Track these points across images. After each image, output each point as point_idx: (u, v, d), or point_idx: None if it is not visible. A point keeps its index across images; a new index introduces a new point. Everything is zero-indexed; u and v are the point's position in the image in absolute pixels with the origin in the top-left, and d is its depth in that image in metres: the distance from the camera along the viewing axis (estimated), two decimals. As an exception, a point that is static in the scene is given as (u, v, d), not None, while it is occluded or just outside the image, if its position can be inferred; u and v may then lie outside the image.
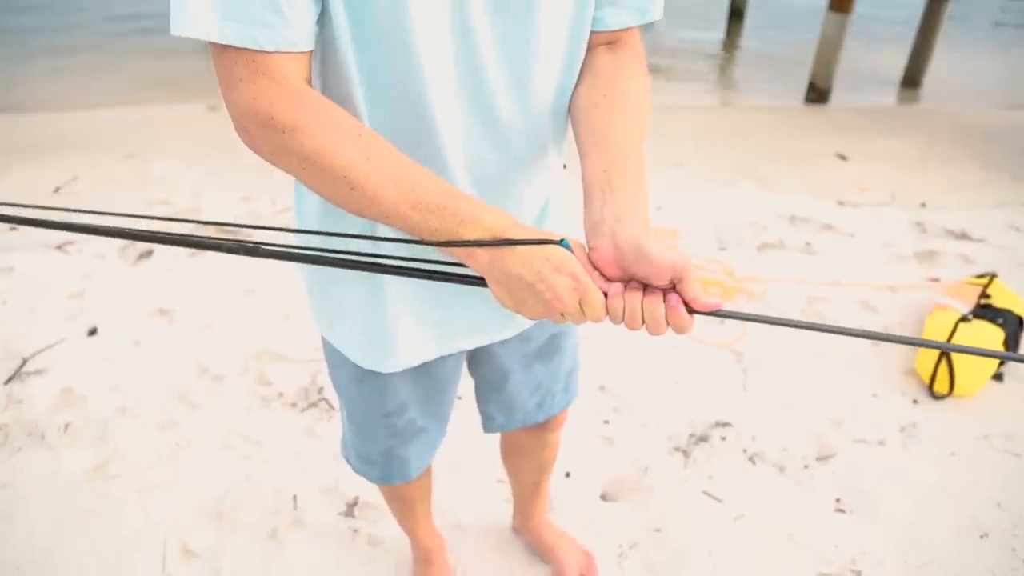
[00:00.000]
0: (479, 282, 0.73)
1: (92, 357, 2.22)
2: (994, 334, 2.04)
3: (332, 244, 0.86)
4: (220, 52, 0.67)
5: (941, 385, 2.03)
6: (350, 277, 0.90)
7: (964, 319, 2.09)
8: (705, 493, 1.75)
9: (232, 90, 0.67)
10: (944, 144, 4.53)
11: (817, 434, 1.93)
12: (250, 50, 0.65)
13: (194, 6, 0.64)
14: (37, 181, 3.65)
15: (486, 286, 0.72)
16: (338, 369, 1.06)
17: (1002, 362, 2.10)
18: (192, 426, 1.95)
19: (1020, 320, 2.14)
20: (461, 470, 1.78)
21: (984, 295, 2.20)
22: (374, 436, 1.13)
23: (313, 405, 2.03)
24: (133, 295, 2.54)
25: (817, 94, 5.66)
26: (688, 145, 4.39)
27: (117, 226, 0.80)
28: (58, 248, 2.84)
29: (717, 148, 4.41)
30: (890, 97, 6.09)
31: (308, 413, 2.00)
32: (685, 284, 0.66)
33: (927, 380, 2.06)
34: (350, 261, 0.75)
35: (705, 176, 3.89)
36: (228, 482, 1.78)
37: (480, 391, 1.22)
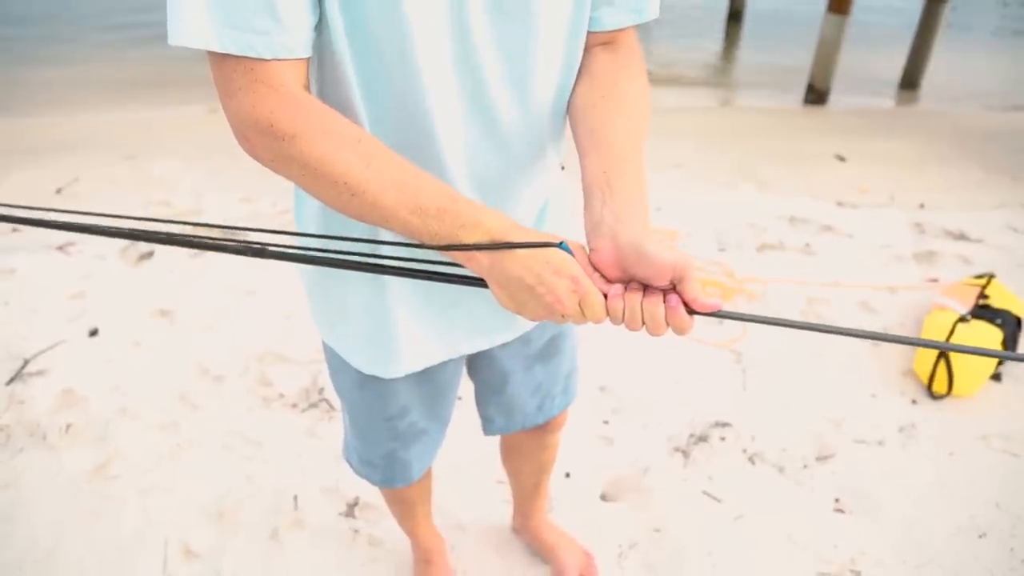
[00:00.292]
0: (480, 284, 0.73)
1: (93, 358, 2.23)
2: (992, 334, 2.05)
3: (333, 247, 0.86)
4: (218, 61, 0.66)
5: (940, 385, 2.03)
6: (351, 280, 0.90)
7: (963, 319, 2.09)
8: (705, 493, 1.76)
9: (231, 98, 0.67)
10: (943, 145, 4.54)
11: (816, 434, 1.94)
12: (248, 58, 0.65)
13: (190, 15, 0.63)
14: (38, 182, 3.66)
15: (487, 288, 0.72)
16: (339, 373, 1.06)
17: (1000, 362, 2.11)
18: (193, 427, 1.96)
19: (1018, 320, 2.15)
20: (461, 471, 1.78)
21: (982, 296, 2.20)
22: (376, 439, 1.13)
23: (314, 406, 2.03)
24: (134, 296, 2.55)
25: (816, 95, 5.67)
26: (688, 146, 4.40)
27: (123, 227, 0.80)
28: (59, 249, 2.84)
29: (716, 149, 4.42)
30: (889, 99, 6.10)
31: (309, 414, 2.01)
32: (685, 285, 0.66)
33: (926, 380, 2.07)
34: (355, 263, 0.75)
35: (705, 177, 3.89)
36: (229, 482, 1.78)
37: (480, 394, 1.22)
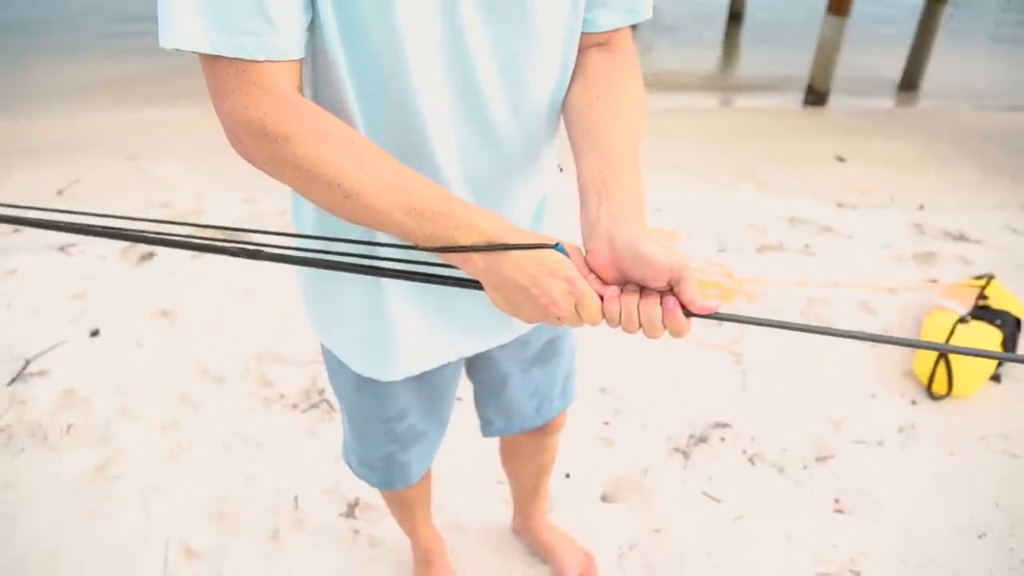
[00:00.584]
0: (475, 286, 0.72)
1: (94, 358, 2.23)
2: (992, 335, 2.05)
3: (330, 250, 0.86)
4: (210, 63, 0.65)
5: (939, 386, 2.04)
6: (348, 283, 0.90)
7: (962, 320, 2.10)
8: (704, 494, 1.76)
9: (223, 100, 0.66)
10: (942, 146, 4.54)
11: (816, 435, 1.94)
12: (240, 60, 0.64)
13: (181, 18, 0.62)
14: (40, 183, 3.66)
15: (482, 290, 0.72)
16: (337, 376, 1.06)
17: (1000, 363, 2.11)
18: (193, 427, 1.96)
19: (1018, 321, 2.15)
20: (461, 471, 1.79)
21: (982, 296, 2.21)
22: (374, 441, 1.13)
23: (314, 406, 2.03)
24: (135, 297, 2.55)
25: (816, 96, 5.67)
26: (687, 147, 4.40)
27: (122, 228, 0.80)
28: (60, 250, 2.85)
29: (716, 150, 4.42)
30: (888, 99, 6.10)
31: (309, 414, 2.01)
32: (683, 286, 0.65)
33: (925, 381, 2.07)
34: (350, 265, 0.75)
35: (704, 178, 3.90)
36: (229, 483, 1.78)
37: (479, 396, 1.22)
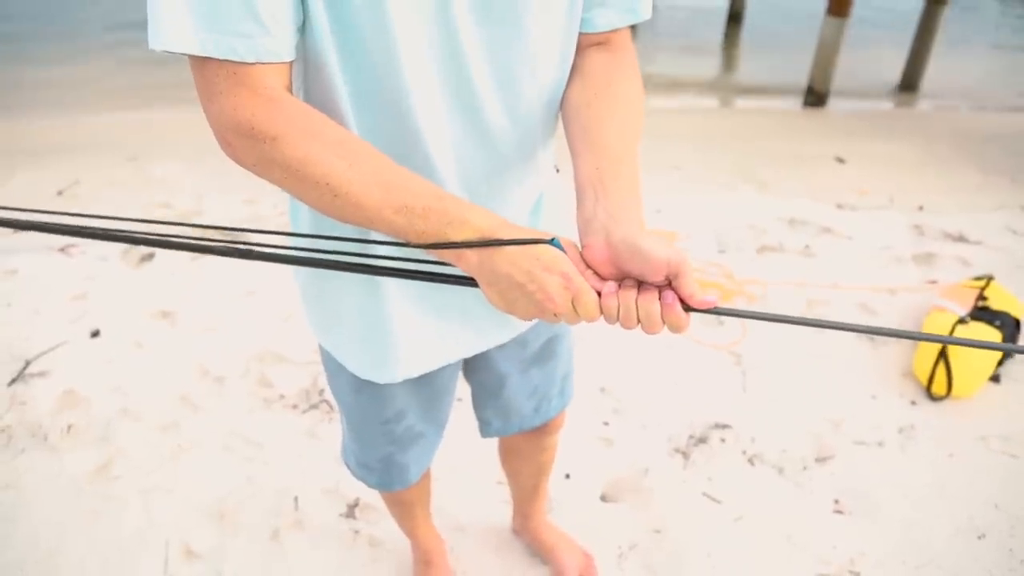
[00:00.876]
0: (471, 283, 0.72)
1: (94, 359, 2.23)
2: (991, 336, 2.06)
3: (326, 249, 0.85)
4: (199, 64, 0.65)
5: (939, 387, 2.04)
6: (345, 284, 0.90)
7: (962, 321, 2.10)
8: (704, 494, 1.76)
9: (212, 102, 0.66)
10: (942, 147, 4.54)
11: (816, 435, 1.94)
12: (231, 62, 0.64)
13: (171, 19, 0.62)
14: (40, 184, 3.67)
15: (477, 287, 0.71)
16: (336, 377, 1.06)
17: (1000, 364, 2.11)
18: (194, 428, 1.96)
19: (1017, 322, 2.15)
20: (461, 472, 1.79)
21: (981, 297, 2.21)
22: (372, 443, 1.13)
23: (314, 407, 2.03)
24: (135, 297, 2.56)
25: (815, 98, 5.67)
26: (687, 148, 4.41)
27: (112, 228, 0.79)
28: (61, 251, 2.85)
29: (716, 151, 4.43)
30: (888, 101, 6.10)
31: (309, 415, 2.01)
32: (681, 281, 0.64)
33: (925, 382, 2.07)
34: (344, 263, 0.75)
35: (704, 179, 3.90)
36: (230, 483, 1.78)
37: (477, 397, 1.22)
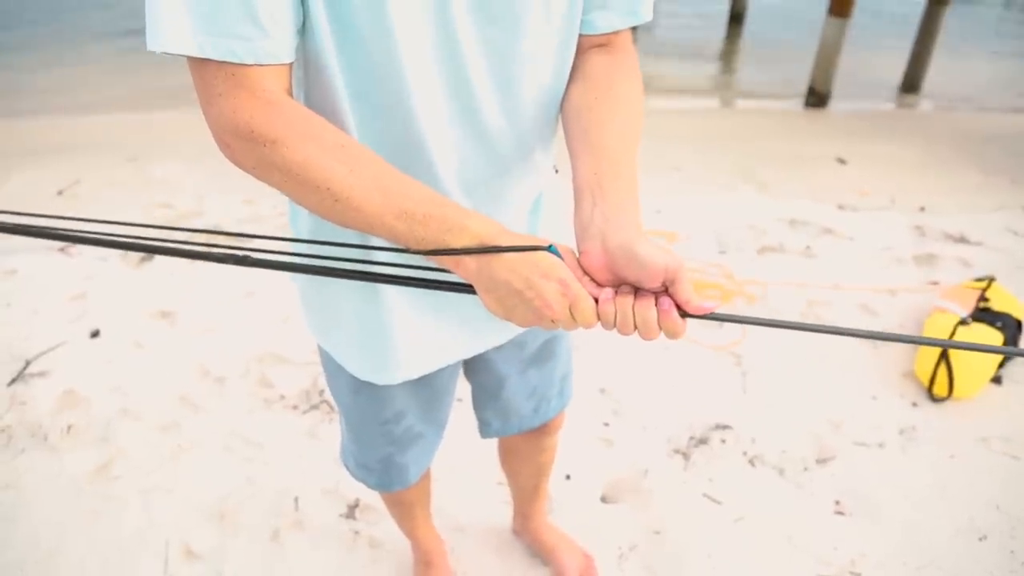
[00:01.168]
0: (469, 290, 0.72)
1: (94, 359, 2.23)
2: (993, 337, 2.05)
3: (326, 253, 0.85)
4: (198, 66, 0.65)
5: (940, 388, 2.03)
6: (344, 287, 0.90)
7: (963, 322, 2.10)
8: (705, 495, 1.76)
9: (212, 105, 0.65)
10: (943, 148, 4.54)
11: (817, 436, 1.94)
12: (229, 63, 0.64)
13: (170, 21, 0.61)
14: (40, 184, 3.67)
15: (476, 294, 0.71)
16: (335, 378, 1.06)
17: (1001, 365, 2.11)
18: (194, 428, 1.96)
19: (1018, 323, 2.15)
20: (461, 472, 1.78)
21: (983, 298, 2.20)
22: (372, 443, 1.13)
23: (314, 407, 2.03)
24: (135, 297, 2.56)
25: (817, 98, 5.67)
26: (687, 148, 4.41)
27: (110, 236, 0.79)
28: (60, 251, 2.85)
29: (716, 151, 4.43)
30: (889, 101, 6.10)
31: (309, 415, 2.01)
32: (677, 287, 0.64)
33: (926, 383, 2.07)
34: (340, 271, 0.74)
35: (704, 179, 3.90)
36: (230, 484, 1.78)
37: (476, 397, 1.22)
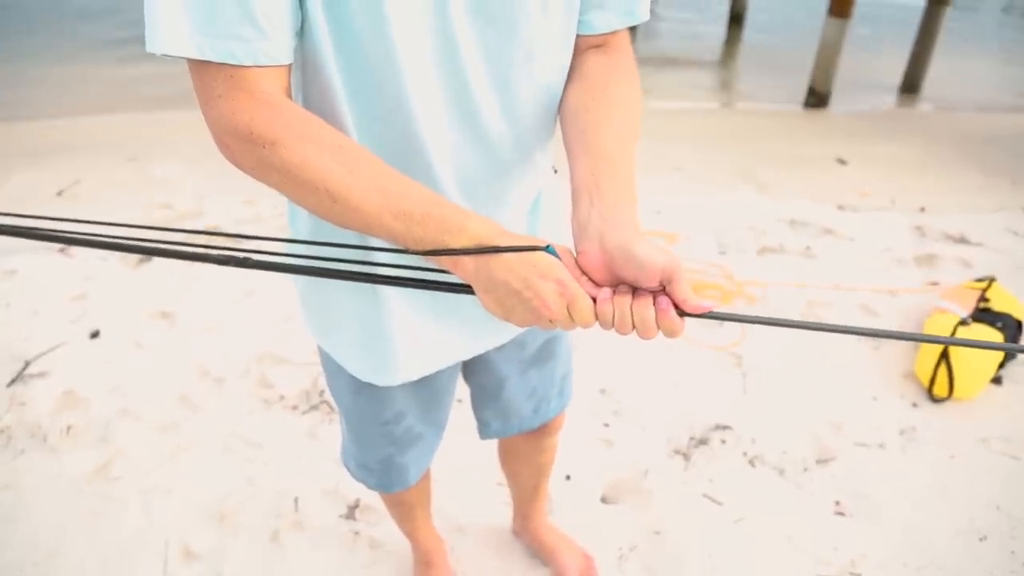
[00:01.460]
0: (467, 290, 0.72)
1: (94, 359, 2.23)
2: (993, 337, 2.05)
3: (325, 254, 0.85)
4: (197, 68, 0.65)
5: (940, 388, 2.03)
6: (344, 288, 0.90)
7: (963, 323, 2.10)
8: (705, 496, 1.76)
9: (211, 106, 0.66)
10: (943, 149, 4.54)
11: (817, 437, 1.94)
12: (228, 65, 0.64)
13: (169, 23, 0.62)
14: (40, 184, 3.67)
15: (474, 294, 0.71)
16: (334, 378, 1.06)
17: (1001, 365, 2.11)
18: (194, 428, 1.96)
19: (1019, 324, 2.15)
20: (461, 473, 1.78)
21: (983, 299, 2.20)
22: (372, 444, 1.13)
23: (314, 408, 2.03)
24: (135, 298, 2.55)
25: (817, 99, 5.67)
26: (687, 149, 4.41)
27: (109, 238, 0.78)
28: (60, 251, 2.85)
29: (717, 152, 4.42)
30: (889, 102, 6.10)
31: (309, 416, 2.01)
32: (675, 286, 0.65)
33: (926, 383, 2.07)
34: (341, 272, 0.74)
35: (704, 180, 3.90)
36: (229, 484, 1.78)
37: (476, 398, 1.22)
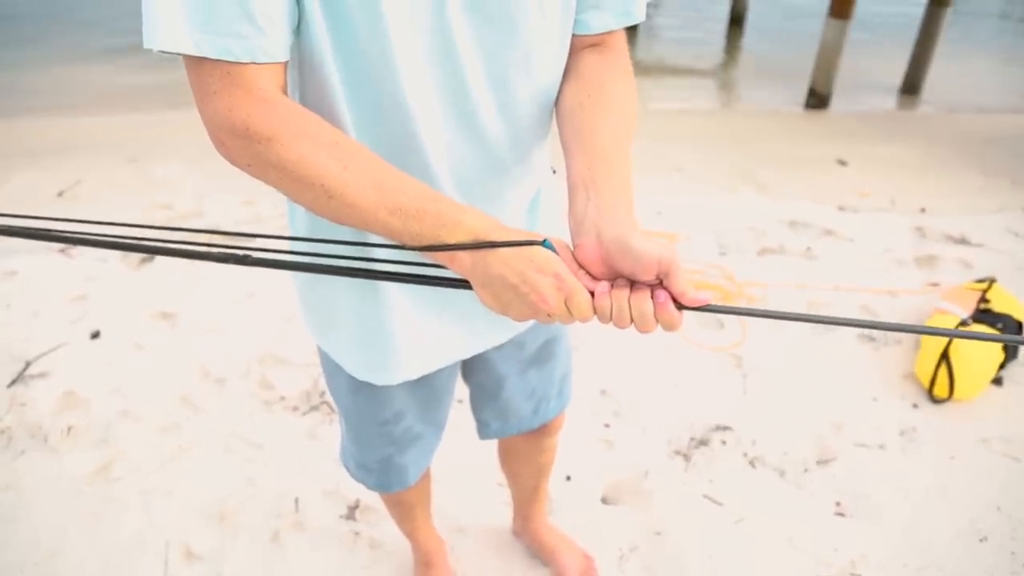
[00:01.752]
0: (464, 285, 0.72)
1: (94, 360, 2.23)
2: (993, 338, 2.05)
3: (324, 252, 0.85)
4: (194, 64, 0.65)
5: (941, 389, 2.03)
6: (343, 287, 0.90)
7: (964, 324, 2.10)
8: (705, 497, 1.76)
9: (206, 102, 0.66)
10: (943, 149, 4.54)
11: (817, 438, 1.94)
12: (224, 61, 0.64)
13: (166, 19, 0.62)
14: (40, 185, 3.67)
15: (471, 289, 0.71)
16: (334, 378, 1.06)
17: (1002, 366, 2.11)
18: (194, 429, 1.96)
19: (1019, 324, 2.15)
20: (461, 473, 1.78)
21: (983, 300, 2.20)
22: (371, 444, 1.13)
23: (315, 408, 2.03)
24: (135, 299, 2.55)
25: (817, 99, 5.67)
26: (688, 149, 4.41)
27: (110, 237, 0.78)
28: (61, 252, 2.85)
29: (717, 153, 4.42)
30: (890, 103, 6.10)
31: (310, 416, 2.01)
32: (672, 279, 0.65)
33: (927, 384, 2.07)
34: (338, 268, 0.75)
35: (705, 180, 3.90)
36: (230, 485, 1.78)
37: (475, 398, 1.22)
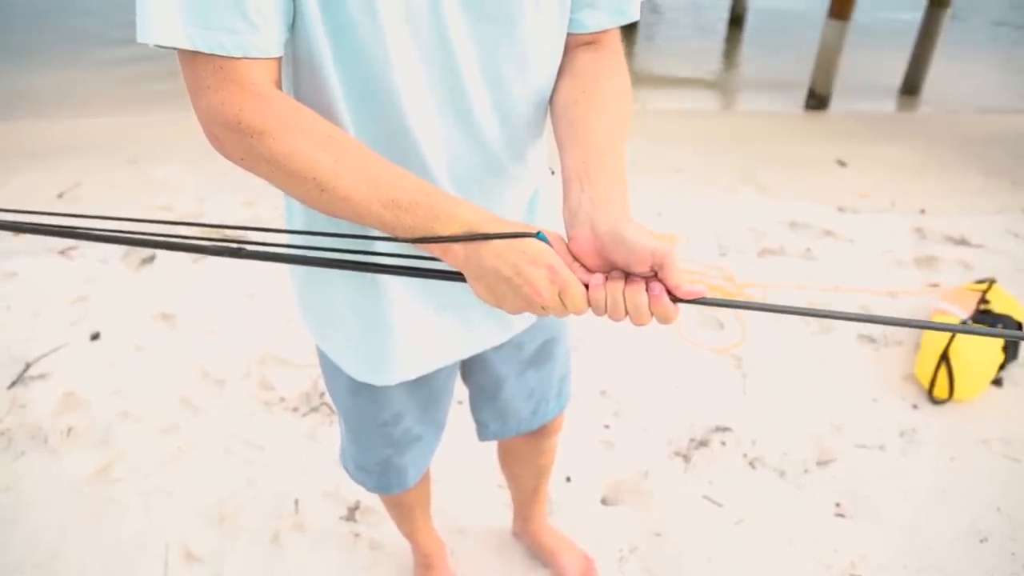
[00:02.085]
0: (459, 277, 0.72)
1: (95, 361, 2.23)
2: (993, 339, 2.05)
3: (319, 246, 0.85)
4: (187, 59, 0.66)
5: (940, 390, 2.03)
6: (341, 286, 0.89)
7: (963, 324, 2.10)
8: (705, 497, 1.76)
9: (200, 97, 0.66)
10: (943, 150, 4.54)
11: (817, 439, 1.94)
12: (218, 56, 0.64)
13: (159, 13, 0.62)
14: (40, 186, 3.67)
15: (465, 282, 0.71)
16: (333, 379, 1.06)
17: (1002, 367, 2.11)
18: (194, 430, 1.96)
19: (1019, 325, 2.15)
20: (461, 474, 1.78)
21: (983, 301, 2.20)
22: (370, 445, 1.13)
23: (315, 409, 2.03)
24: (135, 300, 2.55)
25: (817, 100, 5.67)
26: (688, 150, 4.41)
27: (106, 230, 0.78)
28: (61, 253, 2.85)
29: (717, 154, 4.43)
30: (890, 104, 6.10)
31: (310, 417, 2.01)
32: (667, 271, 0.64)
33: (927, 385, 2.07)
34: (333, 260, 0.75)
35: (705, 181, 3.90)
36: (230, 486, 1.78)
37: (474, 400, 1.22)
